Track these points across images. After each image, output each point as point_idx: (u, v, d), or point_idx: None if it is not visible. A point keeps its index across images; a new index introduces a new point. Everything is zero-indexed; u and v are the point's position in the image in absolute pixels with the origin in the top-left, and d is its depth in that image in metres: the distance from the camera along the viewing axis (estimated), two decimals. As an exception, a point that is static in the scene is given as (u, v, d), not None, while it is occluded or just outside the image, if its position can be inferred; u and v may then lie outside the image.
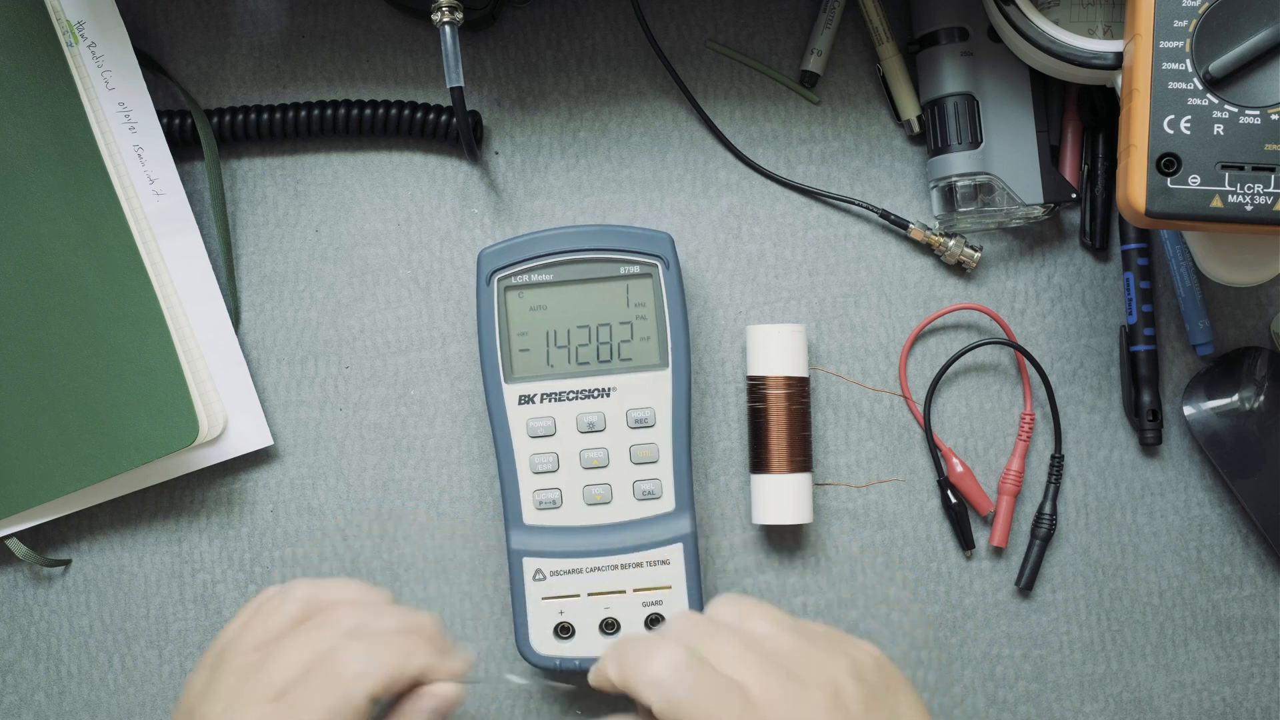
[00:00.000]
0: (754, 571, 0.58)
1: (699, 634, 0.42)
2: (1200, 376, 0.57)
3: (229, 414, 0.56)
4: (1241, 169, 0.45)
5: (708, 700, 0.39)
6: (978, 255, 0.57)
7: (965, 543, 0.57)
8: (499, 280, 0.54)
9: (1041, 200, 0.55)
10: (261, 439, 0.57)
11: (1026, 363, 0.58)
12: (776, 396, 0.55)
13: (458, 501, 0.58)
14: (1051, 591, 0.58)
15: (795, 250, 0.58)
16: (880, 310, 0.58)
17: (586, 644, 0.54)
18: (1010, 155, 0.55)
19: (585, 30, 0.58)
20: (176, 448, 0.54)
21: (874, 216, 0.58)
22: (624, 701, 0.45)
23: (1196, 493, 0.58)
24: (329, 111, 0.57)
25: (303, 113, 0.57)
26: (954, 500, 0.57)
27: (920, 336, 0.58)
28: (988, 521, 0.58)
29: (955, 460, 0.57)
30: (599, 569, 0.54)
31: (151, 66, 0.57)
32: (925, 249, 0.58)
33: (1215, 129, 0.45)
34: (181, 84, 0.58)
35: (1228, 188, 0.45)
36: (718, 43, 0.58)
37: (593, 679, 0.44)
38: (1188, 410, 0.57)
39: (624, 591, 0.54)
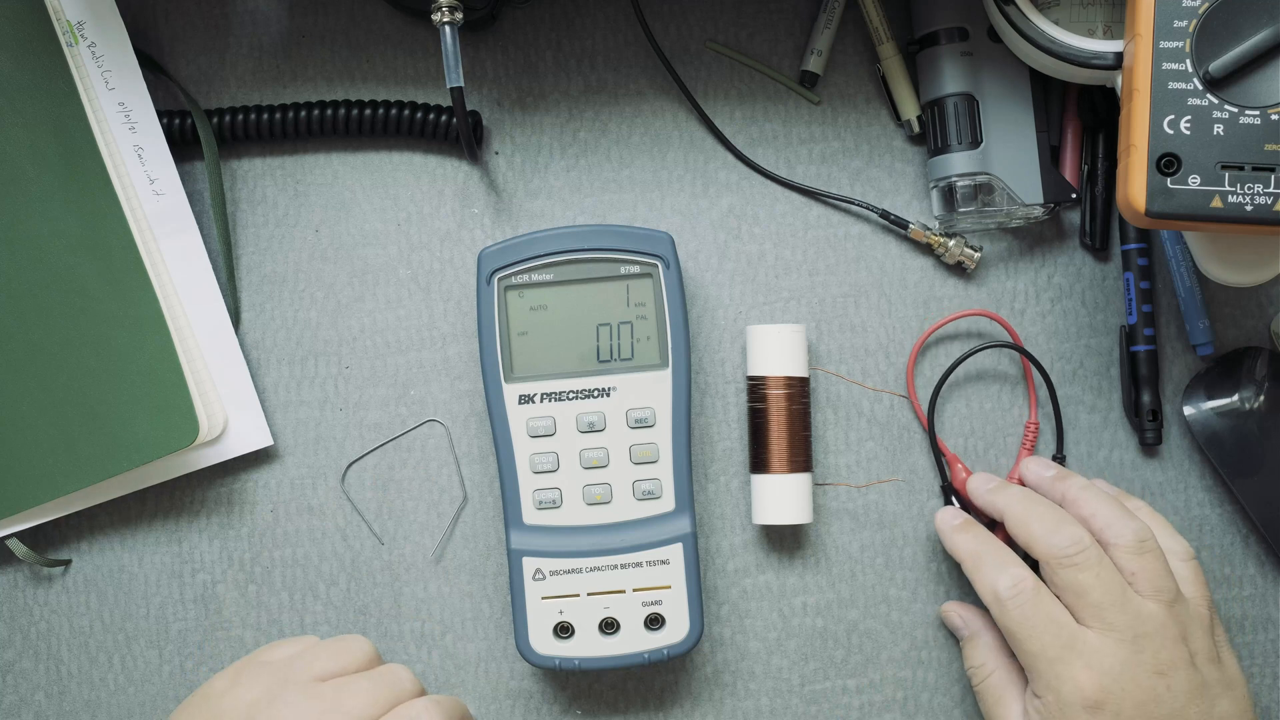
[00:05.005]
0: (754, 571, 0.58)
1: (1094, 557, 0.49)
2: (1200, 377, 0.57)
3: (229, 414, 0.56)
4: (1241, 169, 0.45)
5: (1041, 624, 0.49)
6: (978, 255, 0.57)
7: (965, 543, 0.57)
8: (499, 280, 0.54)
9: (1041, 200, 0.55)
10: (261, 439, 0.57)
11: (1030, 365, 0.58)
12: (776, 396, 0.55)
13: (457, 501, 0.58)
14: (1051, 591, 0.58)
15: (795, 250, 0.58)
16: (880, 310, 0.58)
17: (586, 644, 0.54)
18: (1010, 155, 0.55)
19: (585, 30, 0.58)
20: (177, 448, 0.54)
21: (874, 217, 0.58)
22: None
23: (1196, 493, 0.58)
24: (329, 111, 0.57)
25: (303, 113, 0.57)
26: (957, 506, 0.57)
27: (918, 338, 0.58)
28: (988, 527, 0.58)
29: (960, 466, 0.57)
30: (599, 569, 0.54)
31: (151, 67, 0.57)
32: (925, 249, 0.58)
33: (1215, 129, 0.45)
34: (181, 84, 0.58)
35: (1228, 188, 0.45)
36: (718, 43, 0.58)
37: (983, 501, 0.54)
38: (1188, 410, 0.57)
39: (624, 591, 0.54)
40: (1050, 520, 0.50)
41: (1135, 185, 0.46)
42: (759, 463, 0.55)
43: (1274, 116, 0.45)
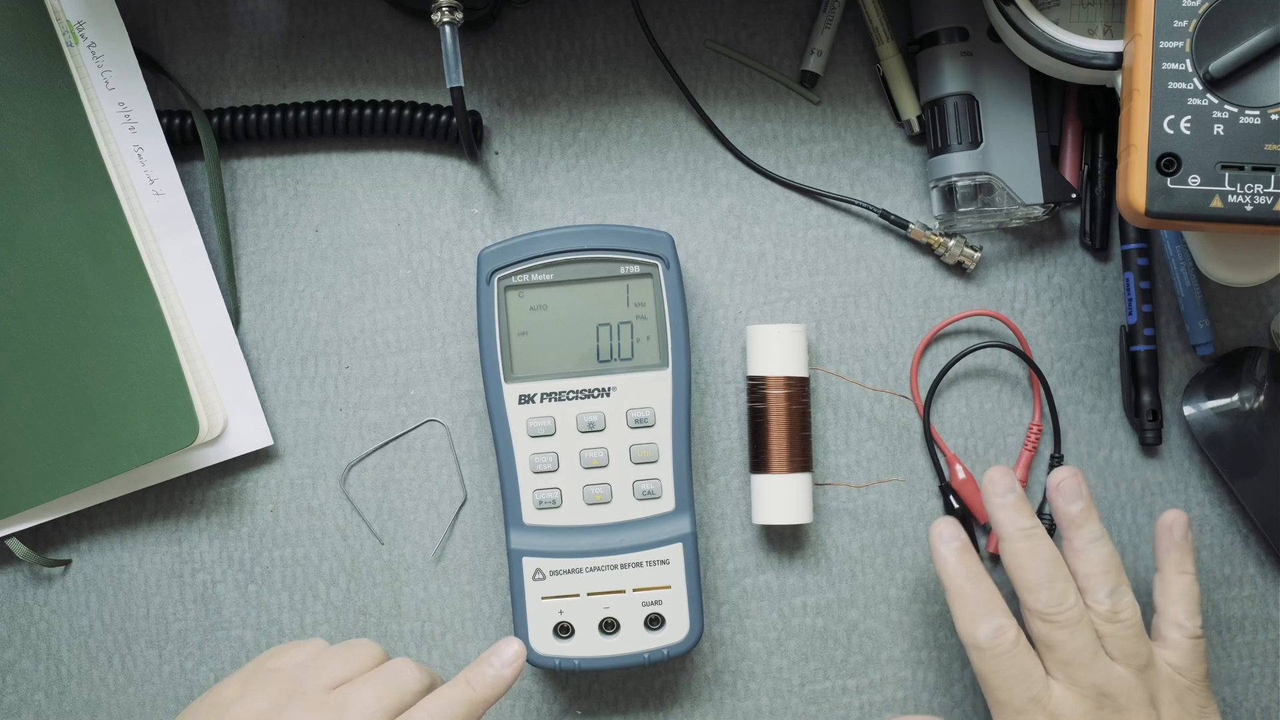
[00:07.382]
0: (754, 571, 0.58)
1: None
2: (1200, 376, 0.57)
3: (229, 414, 0.56)
4: (1241, 169, 0.45)
5: (1014, 676, 0.49)
6: (978, 255, 0.57)
7: (966, 544, 0.57)
8: (499, 280, 0.54)
9: (1041, 200, 0.55)
10: (261, 439, 0.57)
11: (1030, 367, 0.58)
12: (776, 396, 0.55)
13: (457, 502, 0.58)
14: (1051, 591, 0.58)
15: (795, 250, 0.58)
16: (880, 310, 0.58)
17: (586, 644, 0.54)
18: (1010, 155, 0.55)
19: (585, 30, 0.58)
20: (176, 448, 0.54)
21: (874, 216, 0.58)
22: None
23: (1196, 493, 0.58)
24: (329, 111, 0.57)
25: (303, 113, 0.57)
26: (956, 506, 0.57)
27: (918, 338, 0.58)
28: (986, 529, 0.58)
29: (959, 466, 0.57)
30: (599, 569, 0.54)
31: (151, 66, 0.57)
32: (925, 249, 0.58)
33: (1215, 129, 0.45)
34: (181, 84, 0.58)
35: (1228, 188, 0.45)
36: (718, 43, 0.58)
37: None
38: (1188, 410, 0.57)
39: (623, 591, 0.54)
40: (1044, 572, 0.50)
41: (1135, 185, 0.46)
42: (759, 463, 0.55)
43: (1274, 116, 0.45)
